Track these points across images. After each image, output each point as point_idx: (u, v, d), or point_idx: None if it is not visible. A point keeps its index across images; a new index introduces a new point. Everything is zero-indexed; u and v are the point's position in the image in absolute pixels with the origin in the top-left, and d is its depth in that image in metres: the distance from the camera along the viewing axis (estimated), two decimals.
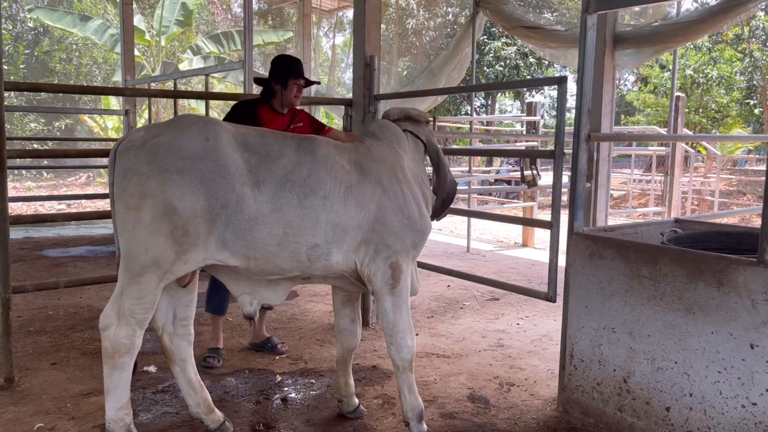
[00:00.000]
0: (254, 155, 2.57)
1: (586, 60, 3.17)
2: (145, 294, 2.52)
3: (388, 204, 2.77)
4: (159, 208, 2.42)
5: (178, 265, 2.51)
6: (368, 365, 3.97)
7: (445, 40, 14.16)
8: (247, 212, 2.50)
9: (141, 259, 2.47)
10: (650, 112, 20.70)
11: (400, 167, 2.93)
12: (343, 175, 2.71)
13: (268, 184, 2.55)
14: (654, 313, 2.88)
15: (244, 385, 3.64)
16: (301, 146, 2.70)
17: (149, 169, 2.43)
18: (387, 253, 2.76)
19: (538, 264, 7.53)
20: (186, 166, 2.45)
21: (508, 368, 3.98)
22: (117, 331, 2.52)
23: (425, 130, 3.27)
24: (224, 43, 13.33)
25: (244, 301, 2.77)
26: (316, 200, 2.60)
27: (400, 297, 2.82)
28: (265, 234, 2.53)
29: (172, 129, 2.54)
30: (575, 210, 3.27)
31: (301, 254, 2.61)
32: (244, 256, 2.56)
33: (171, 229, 2.43)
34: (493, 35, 19.91)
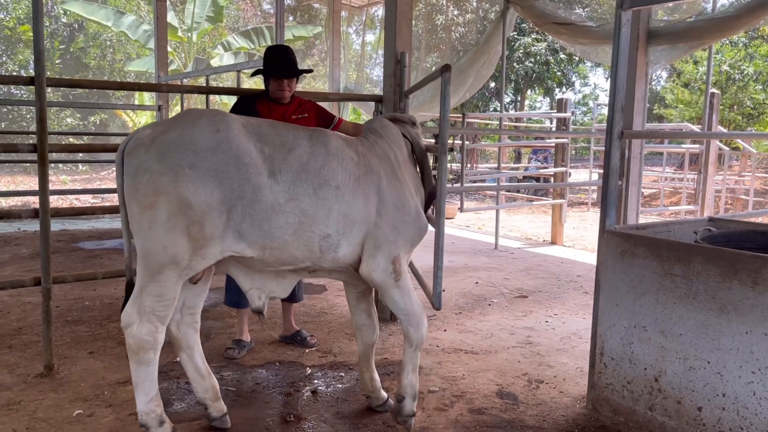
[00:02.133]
0: (268, 145, 2.58)
1: (620, 56, 3.15)
2: (166, 291, 2.54)
3: (390, 200, 2.82)
4: (174, 204, 2.41)
5: (196, 261, 2.52)
6: (397, 360, 4.00)
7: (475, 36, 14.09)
8: (264, 202, 2.51)
9: (159, 257, 2.47)
10: (683, 108, 20.32)
11: (398, 165, 2.98)
12: (353, 166, 2.74)
13: (284, 174, 2.56)
14: (687, 312, 2.85)
15: (275, 377, 3.70)
16: (313, 137, 2.73)
17: (160, 166, 2.41)
18: (388, 248, 2.80)
19: (567, 262, 7.49)
20: (198, 160, 2.43)
21: (537, 365, 3.97)
22: (139, 328, 2.55)
23: (411, 131, 3.29)
24: (254, 38, 13.45)
25: (253, 295, 2.80)
26: (330, 190, 2.64)
27: (404, 287, 2.88)
28: (281, 223, 2.56)
29: (180, 123, 2.53)
30: (607, 208, 3.25)
31: (314, 244, 2.65)
32: (261, 246, 2.58)
33: (187, 225, 2.43)
34: (523, 31, 19.75)
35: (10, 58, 18.16)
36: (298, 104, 3.88)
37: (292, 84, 3.76)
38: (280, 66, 3.66)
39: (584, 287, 6.09)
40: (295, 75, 3.72)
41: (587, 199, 14.52)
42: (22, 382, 3.50)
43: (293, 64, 3.70)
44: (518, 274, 6.67)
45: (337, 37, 10.39)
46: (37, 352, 3.89)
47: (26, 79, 3.60)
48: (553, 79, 21.10)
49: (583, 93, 30.04)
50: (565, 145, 8.90)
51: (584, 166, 15.71)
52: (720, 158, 11.13)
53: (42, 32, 3.45)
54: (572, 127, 9.70)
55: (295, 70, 3.72)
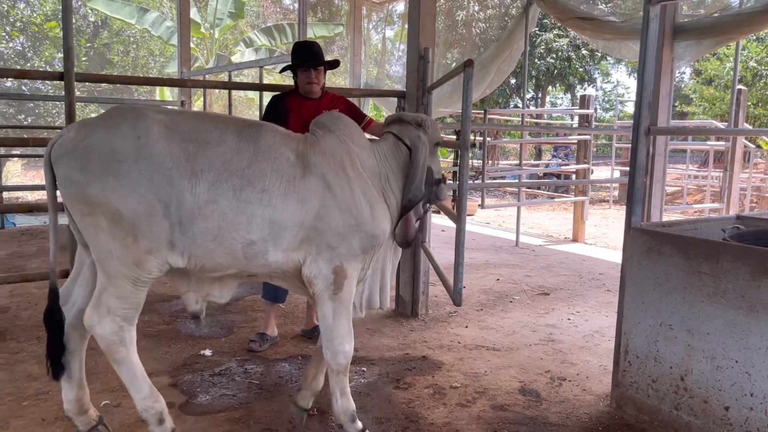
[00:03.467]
0: (192, 143, 2.41)
1: (647, 52, 3.11)
2: (125, 296, 2.44)
3: (333, 201, 2.57)
4: (107, 214, 2.32)
5: (141, 273, 2.40)
6: (418, 356, 4.01)
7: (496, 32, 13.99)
8: (187, 206, 2.36)
9: (110, 262, 2.38)
10: (706, 106, 20.02)
11: (351, 162, 2.71)
12: (287, 167, 2.52)
13: (206, 174, 2.39)
14: (714, 311, 2.82)
15: (297, 371, 3.72)
16: (243, 133, 2.53)
17: (85, 176, 2.30)
18: (330, 255, 2.58)
19: (589, 259, 7.43)
20: (122, 169, 2.30)
21: (560, 363, 3.95)
22: (102, 327, 2.44)
23: (412, 132, 2.95)
24: (276, 35, 13.50)
25: (190, 299, 2.65)
26: (253, 193, 2.43)
27: (341, 303, 2.65)
28: (202, 228, 2.40)
29: (102, 127, 2.38)
30: (633, 205, 3.22)
31: (237, 251, 2.47)
32: (188, 254, 2.44)
33: (122, 236, 2.33)
34: (545, 27, 19.60)
35: (36, 54, 18.44)
36: (330, 100, 3.89)
37: (320, 77, 3.76)
38: (306, 58, 3.71)
39: (607, 285, 6.04)
40: (319, 64, 3.72)
41: (609, 197, 14.37)
42: (47, 374, 3.55)
43: (317, 56, 3.73)
44: (540, 272, 6.63)
45: (358, 33, 10.39)
46: None
47: (56, 74, 3.66)
48: (574, 76, 20.91)
49: (605, 90, 29.73)
50: (587, 142, 8.82)
51: (605, 163, 15.58)
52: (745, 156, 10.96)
53: (71, 29, 3.51)
54: (594, 124, 9.62)
55: (321, 61, 3.73)
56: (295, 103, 3.80)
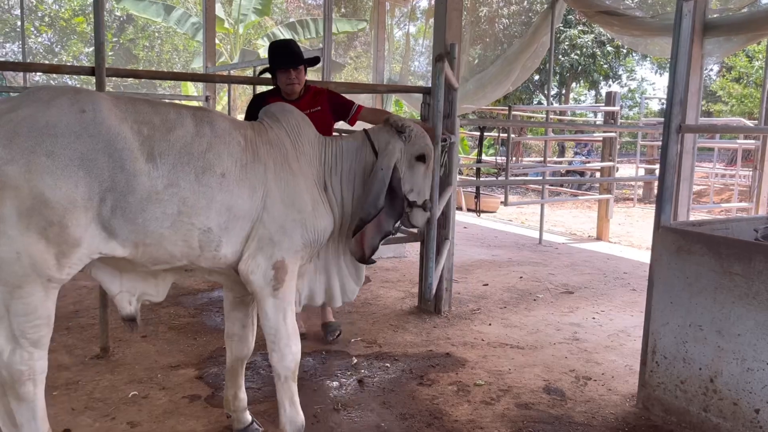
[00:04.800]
0: (146, 125, 2.22)
1: (680, 48, 3.06)
2: (33, 309, 2.09)
3: (277, 193, 2.45)
4: (26, 201, 1.97)
5: (60, 270, 2.09)
6: (441, 352, 4.00)
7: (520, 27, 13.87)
8: (140, 191, 2.15)
9: (15, 267, 2.01)
10: (734, 103, 19.69)
11: (297, 156, 2.59)
12: (239, 152, 2.40)
13: (165, 157, 2.21)
14: (746, 312, 2.77)
15: (321, 365, 3.74)
16: (197, 116, 2.39)
17: (7, 152, 1.96)
18: (271, 250, 2.44)
19: (613, 258, 7.35)
20: (58, 147, 2.01)
21: (585, 362, 3.92)
22: (10, 357, 2.11)
23: (384, 137, 2.74)
24: (299, 30, 13.53)
25: (123, 300, 2.41)
26: (213, 177, 2.30)
27: (283, 300, 2.51)
28: (158, 214, 2.20)
29: (32, 101, 2.08)
30: (663, 203, 3.17)
31: (194, 239, 2.30)
32: (134, 242, 2.20)
33: (44, 226, 2.00)
34: (569, 23, 19.39)
35: (64, 49, 18.72)
36: (312, 97, 3.78)
37: (300, 76, 3.65)
38: (284, 59, 3.58)
39: (632, 284, 5.97)
40: (297, 64, 3.59)
41: (633, 195, 14.22)
42: (79, 363, 3.62)
43: (296, 55, 3.60)
44: (563, 270, 6.58)
45: (382, 29, 10.38)
46: (93, 334, 4.02)
47: (88, 69, 3.71)
48: (599, 72, 20.68)
49: (629, 87, 29.36)
50: (612, 140, 8.73)
51: (629, 161, 15.39)
52: None
53: (102, 23, 3.55)
54: (619, 121, 9.51)
55: (299, 60, 3.61)
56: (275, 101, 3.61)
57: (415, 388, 3.45)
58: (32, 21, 17.98)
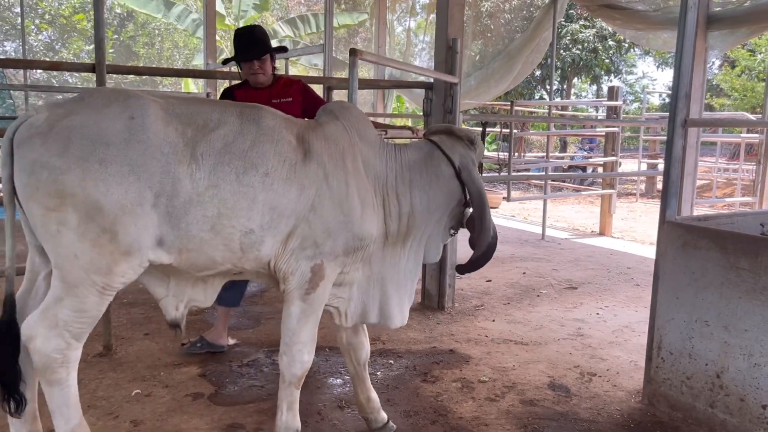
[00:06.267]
0: (190, 127, 2.19)
1: (685, 41, 3.04)
2: (85, 309, 2.11)
3: (328, 193, 2.37)
4: (82, 208, 2.00)
5: (113, 278, 2.10)
6: (445, 349, 3.98)
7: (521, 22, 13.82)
8: (184, 194, 2.12)
9: (73, 268, 2.05)
10: (737, 97, 19.60)
11: (353, 156, 2.49)
12: (289, 151, 2.33)
13: (206, 158, 2.17)
14: (753, 307, 2.75)
15: (325, 362, 3.72)
16: (244, 114, 2.32)
17: (63, 161, 1.99)
18: (313, 251, 2.37)
19: (616, 253, 7.33)
20: (110, 154, 2.02)
21: (589, 358, 3.90)
22: (45, 343, 2.09)
23: (463, 151, 2.69)
24: (300, 26, 13.49)
25: (169, 305, 2.37)
26: (256, 177, 2.23)
27: (311, 305, 2.43)
28: (199, 217, 2.15)
29: (85, 107, 2.08)
30: (668, 198, 3.15)
31: (234, 242, 2.24)
32: (178, 249, 2.17)
33: (97, 233, 2.02)
34: (571, 18, 19.34)
35: (65, 46, 18.69)
36: (282, 87, 3.57)
37: (265, 65, 3.45)
38: (245, 49, 3.41)
39: (635, 279, 5.95)
40: (259, 54, 3.40)
41: (635, 190, 14.18)
42: (82, 361, 3.53)
43: (260, 44, 3.41)
44: (567, 265, 6.56)
45: (383, 24, 10.34)
46: (96, 332, 3.97)
47: (88, 66, 3.69)
48: (601, 67, 20.62)
49: (630, 82, 29.29)
50: (615, 135, 8.69)
51: (632, 156, 15.35)
52: None
53: (103, 20, 3.53)
54: (621, 116, 9.47)
55: (263, 49, 3.41)
56: (243, 94, 3.51)
57: (419, 384, 3.43)
58: (32, 19, 17.96)
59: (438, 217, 2.70)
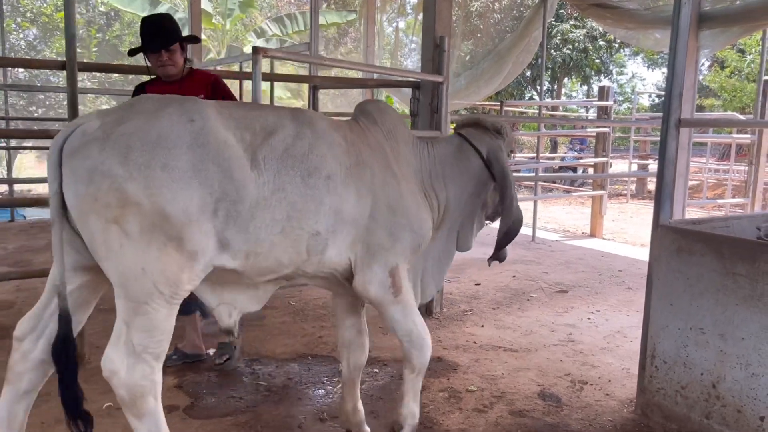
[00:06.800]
0: (248, 131, 2.17)
1: (679, 38, 2.93)
2: (157, 324, 2.03)
3: (383, 199, 2.40)
4: (147, 217, 1.92)
5: (181, 286, 2.05)
6: (432, 356, 3.80)
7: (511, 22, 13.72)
8: (249, 199, 2.10)
9: (140, 282, 1.97)
10: (727, 97, 19.63)
11: (397, 158, 2.55)
12: (342, 154, 2.33)
13: (269, 162, 2.16)
14: (750, 315, 2.64)
15: (307, 371, 3.59)
16: (297, 117, 2.32)
17: (125, 169, 1.90)
18: (384, 257, 2.41)
19: (607, 255, 7.24)
20: (171, 159, 1.96)
21: (580, 365, 3.79)
22: (130, 373, 2.02)
23: (490, 141, 2.76)
24: (287, 24, 13.34)
25: (223, 312, 2.33)
26: (320, 179, 2.24)
27: (407, 302, 2.50)
28: (268, 220, 2.14)
29: (139, 112, 2.02)
30: (662, 201, 3.04)
31: (302, 244, 2.24)
32: (245, 253, 2.15)
33: (164, 241, 1.96)
34: (561, 17, 19.29)
35: (47, 45, 18.41)
36: (193, 81, 3.31)
37: (174, 57, 3.21)
38: (152, 38, 3.15)
39: (627, 282, 5.85)
40: (165, 45, 3.15)
41: (626, 190, 14.13)
42: (53, 373, 3.45)
43: (167, 33, 3.16)
44: (557, 268, 6.45)
45: (372, 23, 10.20)
46: None
47: (58, 63, 3.54)
48: (591, 67, 20.58)
49: (620, 82, 29.33)
50: (606, 135, 8.60)
51: (622, 156, 15.31)
52: None
53: (74, 16, 3.38)
54: (612, 116, 9.39)
55: (171, 39, 3.16)
56: (154, 89, 3.25)
57: None
58: (14, 17, 17.68)
59: (471, 208, 2.79)
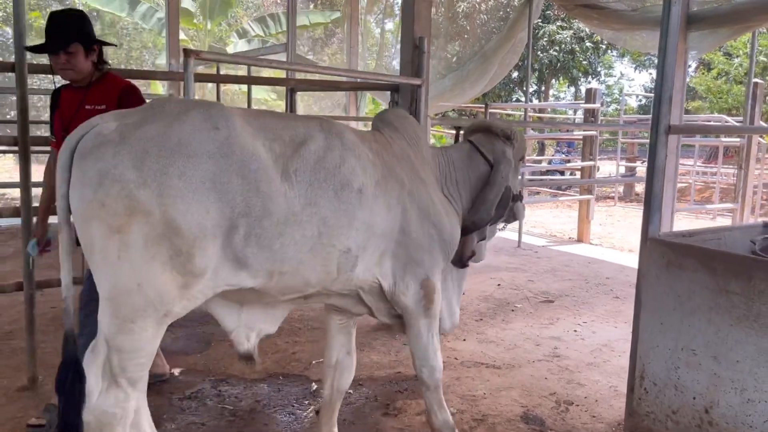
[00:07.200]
0: (277, 142, 2.03)
1: (669, 39, 2.74)
2: (141, 345, 1.87)
3: (414, 210, 2.34)
4: (155, 227, 1.78)
5: (179, 303, 1.89)
6: (411, 374, 3.65)
7: (497, 23, 13.57)
8: (277, 213, 1.94)
9: (133, 299, 1.81)
10: (713, 99, 19.57)
11: (422, 167, 2.52)
12: (370, 166, 2.25)
13: (301, 175, 2.03)
14: (745, 336, 2.46)
15: (277, 393, 3.38)
16: (325, 128, 2.21)
17: (138, 174, 1.76)
18: (416, 270, 2.38)
19: (595, 261, 7.07)
20: (190, 167, 1.81)
21: (566, 383, 3.60)
22: (103, 398, 1.86)
23: (497, 146, 2.77)
24: (270, 24, 13.10)
25: (240, 335, 2.19)
26: (352, 193, 2.13)
27: (434, 318, 2.49)
28: (297, 237, 1.99)
29: (160, 116, 1.87)
30: (651, 212, 2.86)
31: (332, 262, 2.12)
32: (268, 272, 1.99)
33: (171, 255, 1.81)
34: (548, 18, 19.17)
35: None
36: (102, 89, 2.83)
37: (74, 59, 2.71)
38: (50, 38, 2.70)
39: (614, 291, 5.68)
40: (61, 46, 2.68)
41: (613, 193, 14.01)
42: (2, 396, 3.23)
43: (68, 33, 2.69)
44: (543, 276, 6.27)
45: (355, 23, 10.01)
46: (21, 361, 3.61)
47: (7, 65, 3.31)
48: (578, 69, 20.48)
49: (608, 83, 29.31)
50: (593, 138, 8.45)
51: (609, 158, 15.20)
52: None
53: (23, 14, 3.18)
54: (599, 119, 9.25)
55: (65, 39, 2.68)
56: (68, 94, 2.87)
57: (380, 419, 3.11)
58: None
59: None
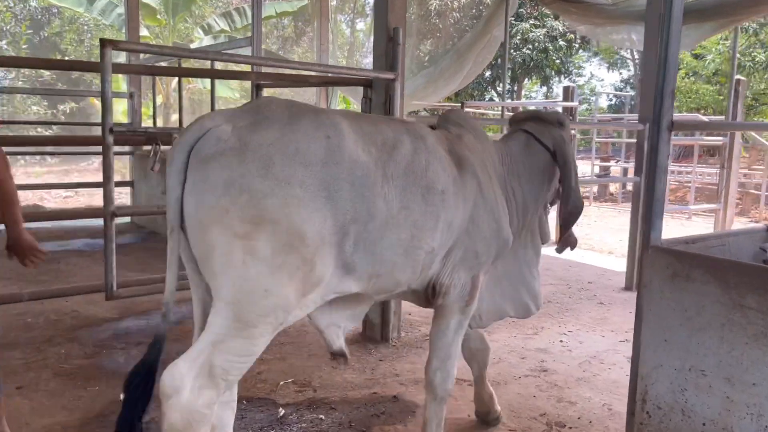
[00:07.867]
0: (373, 146, 2.06)
1: (672, 25, 2.48)
2: (255, 350, 1.90)
3: (482, 203, 2.37)
4: (281, 237, 1.80)
5: (294, 312, 1.92)
6: (388, 395, 3.34)
7: (470, 21, 13.38)
8: (379, 218, 2.00)
9: (259, 304, 1.83)
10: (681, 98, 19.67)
11: (490, 162, 2.53)
12: (449, 166, 2.28)
13: (396, 179, 2.07)
14: (763, 356, 2.20)
15: (240, 419, 3.03)
16: (409, 130, 2.24)
17: (265, 184, 1.78)
18: (472, 263, 2.37)
19: (575, 265, 6.84)
20: (308, 176, 1.84)
21: (556, 402, 3.33)
22: (194, 397, 1.81)
23: (554, 133, 2.72)
24: (236, 19, 12.73)
25: (332, 334, 2.24)
26: (437, 195, 2.18)
27: (467, 317, 2.47)
28: (393, 240, 2.05)
29: (272, 121, 1.88)
30: (653, 218, 2.58)
31: (419, 262, 2.16)
32: (369, 275, 2.02)
33: (297, 265, 1.82)
34: (521, 16, 19.06)
35: None
36: None
37: None
38: None
39: (598, 296, 5.45)
40: None
41: (588, 193, 13.89)
42: None
43: None
44: None
45: (325, 19, 9.68)
46: None
47: None
48: (551, 68, 20.39)
49: (578, 83, 29.42)
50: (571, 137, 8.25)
51: (582, 158, 15.10)
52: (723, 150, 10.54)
53: None
54: (577, 117, 9.07)
55: None
56: None
57: None
58: None
59: (543, 203, 2.79)
